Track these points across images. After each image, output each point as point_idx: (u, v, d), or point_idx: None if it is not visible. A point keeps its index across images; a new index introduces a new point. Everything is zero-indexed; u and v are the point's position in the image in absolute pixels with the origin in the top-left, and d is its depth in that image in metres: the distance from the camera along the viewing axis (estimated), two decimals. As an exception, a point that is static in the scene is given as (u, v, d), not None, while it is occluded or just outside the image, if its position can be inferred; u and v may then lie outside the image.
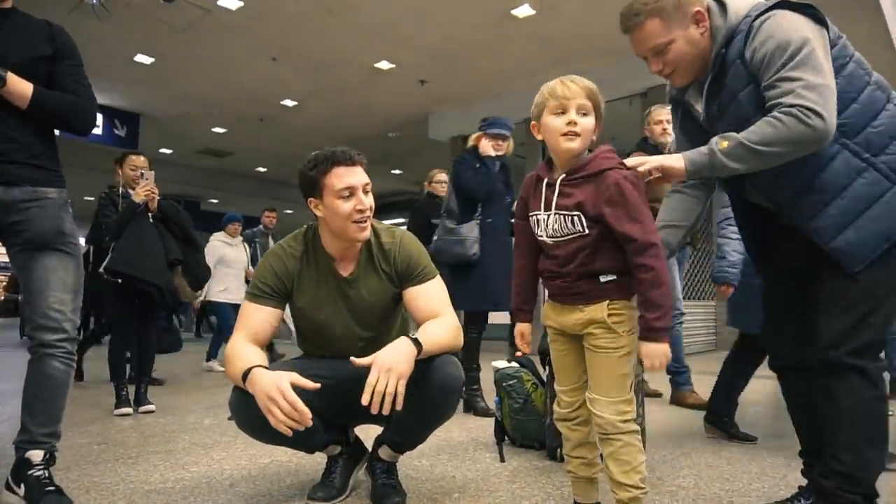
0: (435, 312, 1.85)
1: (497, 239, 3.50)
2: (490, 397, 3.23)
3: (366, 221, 1.83)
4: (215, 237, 6.42)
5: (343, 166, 1.78)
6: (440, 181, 4.91)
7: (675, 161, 1.49)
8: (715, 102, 1.58)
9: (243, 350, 1.77)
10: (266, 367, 1.67)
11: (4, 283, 16.40)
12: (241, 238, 6.58)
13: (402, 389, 1.55)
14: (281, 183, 15.96)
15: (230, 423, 3.24)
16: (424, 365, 1.69)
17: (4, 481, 1.91)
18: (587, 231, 1.47)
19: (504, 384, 2.71)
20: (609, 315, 1.48)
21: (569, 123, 1.48)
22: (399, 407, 1.55)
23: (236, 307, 5.24)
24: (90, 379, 5.14)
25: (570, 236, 1.49)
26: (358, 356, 1.62)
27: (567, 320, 1.55)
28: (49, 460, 1.90)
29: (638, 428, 1.51)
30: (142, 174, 3.72)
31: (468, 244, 3.45)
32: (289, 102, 10.17)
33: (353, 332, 1.92)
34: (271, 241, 6.66)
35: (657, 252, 1.43)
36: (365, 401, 1.53)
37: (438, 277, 1.94)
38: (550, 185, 1.54)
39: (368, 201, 1.82)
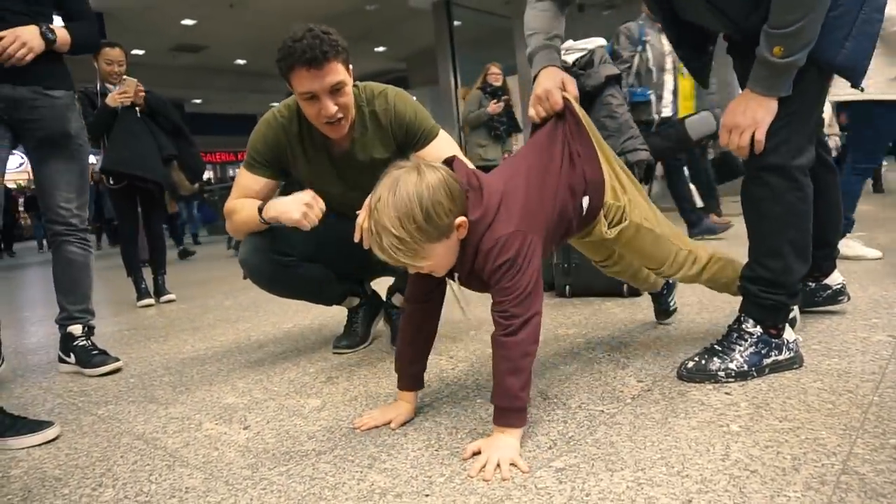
0: None
1: None
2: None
3: (337, 122, 1.70)
4: None
5: (303, 68, 1.59)
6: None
7: (767, 106, 1.33)
8: None
9: (242, 201, 1.83)
10: None
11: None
12: None
13: None
14: (263, 75, 15.34)
15: (251, 301, 3.39)
16: None
17: (57, 356, 2.21)
18: None
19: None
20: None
21: None
22: None
23: None
24: (106, 280, 5.29)
25: None
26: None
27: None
28: (88, 332, 2.20)
29: (701, 254, 1.60)
30: (124, 79, 3.59)
31: None
32: (257, -18, 9.55)
33: (354, 197, 1.93)
34: None
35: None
36: (356, 238, 1.57)
37: (442, 132, 1.87)
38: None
39: (335, 106, 1.65)
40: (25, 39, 1.88)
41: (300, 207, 1.65)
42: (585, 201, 1.37)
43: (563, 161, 1.36)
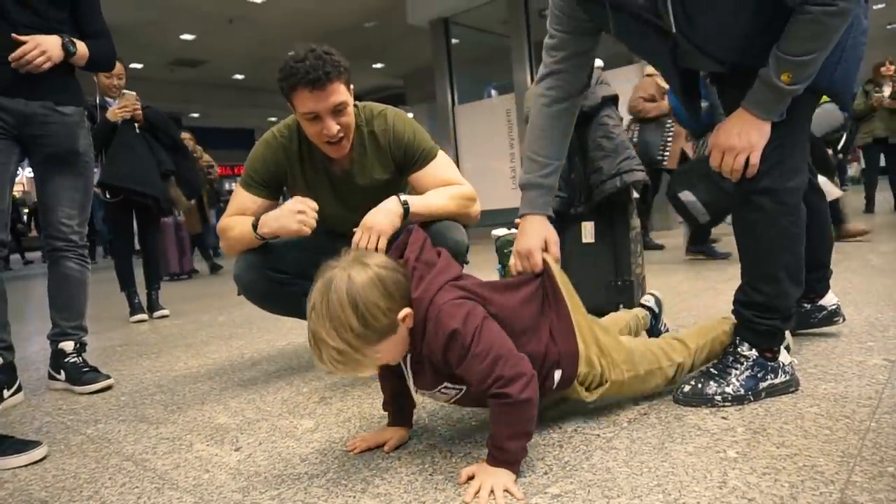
0: (444, 185, 1.80)
1: None
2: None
3: (338, 142, 1.70)
4: None
5: (306, 89, 1.59)
6: None
7: (761, 129, 1.32)
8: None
9: (236, 218, 1.83)
10: None
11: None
12: None
13: (382, 245, 1.57)
14: (261, 90, 15.42)
15: (245, 317, 3.37)
16: (427, 231, 1.70)
17: (48, 373, 2.18)
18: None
19: (505, 251, 2.76)
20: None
21: None
22: None
23: None
24: (99, 295, 5.25)
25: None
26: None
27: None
28: (80, 349, 2.17)
29: (685, 359, 1.47)
30: (123, 93, 3.60)
31: None
32: (256, -1, 9.63)
33: (350, 218, 1.93)
34: None
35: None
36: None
37: (441, 153, 1.85)
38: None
39: (337, 126, 1.66)
40: (46, 48, 1.89)
41: (294, 217, 1.66)
42: (557, 375, 1.27)
43: (532, 310, 1.29)
